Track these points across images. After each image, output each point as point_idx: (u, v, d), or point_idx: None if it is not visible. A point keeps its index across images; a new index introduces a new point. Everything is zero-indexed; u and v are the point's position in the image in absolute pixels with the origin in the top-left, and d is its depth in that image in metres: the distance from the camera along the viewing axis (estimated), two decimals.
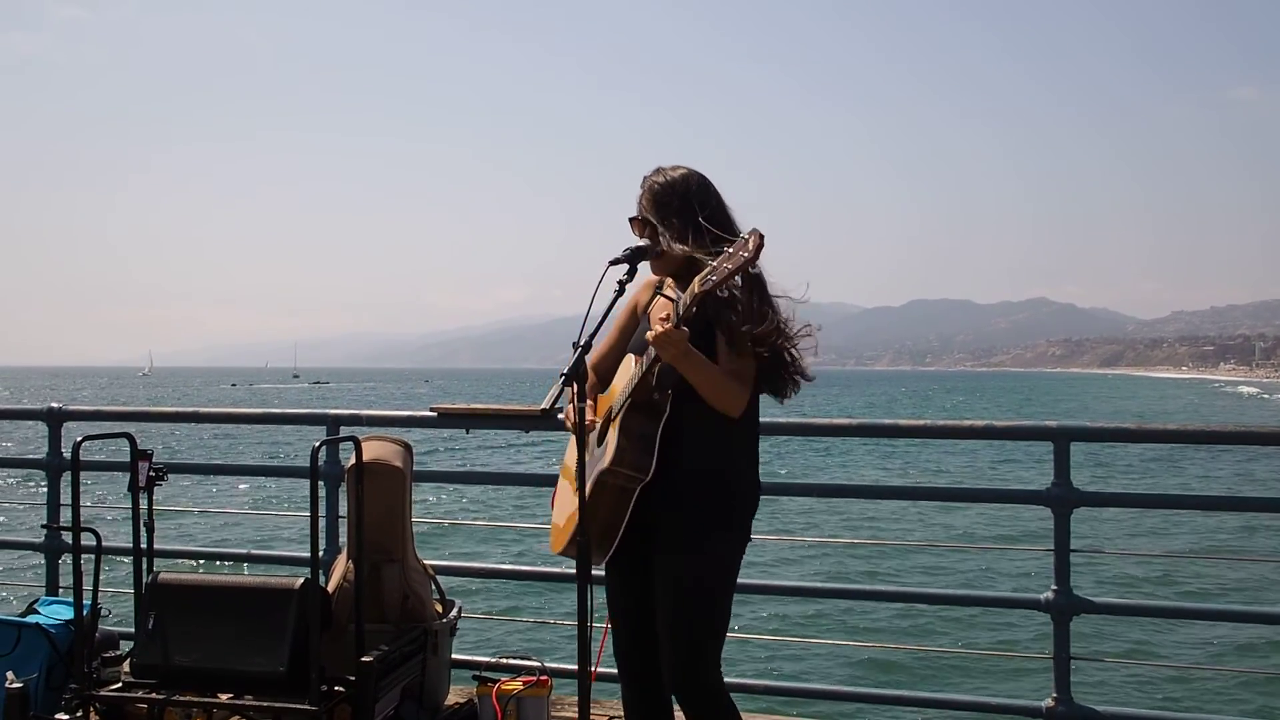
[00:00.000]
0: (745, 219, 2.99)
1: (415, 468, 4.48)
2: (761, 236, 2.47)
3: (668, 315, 2.66)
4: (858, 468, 35.51)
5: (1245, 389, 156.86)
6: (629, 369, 2.87)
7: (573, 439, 3.19)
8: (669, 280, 3.04)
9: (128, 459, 4.30)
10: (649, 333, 2.67)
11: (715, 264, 2.52)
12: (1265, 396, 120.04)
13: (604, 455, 2.82)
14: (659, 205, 2.93)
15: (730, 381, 2.78)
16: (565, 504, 3.09)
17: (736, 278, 2.55)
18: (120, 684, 3.95)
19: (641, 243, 2.93)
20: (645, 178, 3.02)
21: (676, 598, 2.87)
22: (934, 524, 20.99)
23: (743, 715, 4.56)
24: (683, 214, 2.89)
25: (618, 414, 2.83)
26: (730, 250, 2.51)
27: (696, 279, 2.56)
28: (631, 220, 3.00)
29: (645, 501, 2.83)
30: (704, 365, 2.73)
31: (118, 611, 5.70)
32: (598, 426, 2.98)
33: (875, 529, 20.76)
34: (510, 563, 6.28)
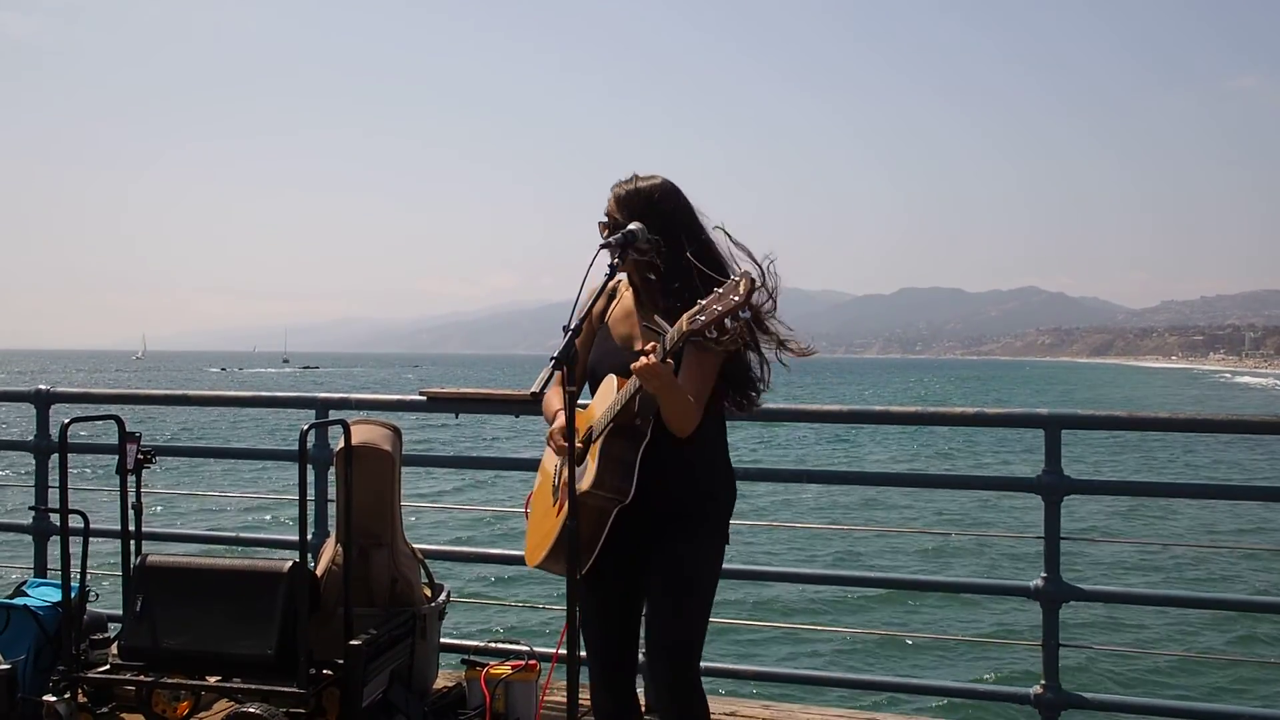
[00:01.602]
0: (736, 207, 3.00)
1: (404, 451, 4.47)
2: (753, 281, 2.48)
3: (653, 347, 2.65)
4: (850, 454, 35.63)
5: (1245, 379, 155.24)
6: (611, 389, 2.86)
7: (545, 457, 3.19)
8: (624, 290, 3.06)
9: (116, 441, 4.28)
10: (634, 364, 2.66)
11: (705, 303, 2.52)
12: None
13: (584, 477, 2.82)
14: (628, 211, 2.95)
15: (695, 406, 2.79)
16: (540, 519, 3.10)
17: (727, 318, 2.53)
18: (108, 666, 3.94)
19: (633, 226, 2.92)
20: (616, 184, 3.04)
21: (665, 593, 2.89)
22: (925, 511, 21.05)
23: (733, 700, 4.58)
24: (648, 223, 2.90)
25: (598, 437, 2.83)
26: (720, 291, 2.51)
27: (685, 316, 2.55)
28: (601, 225, 3.02)
29: (629, 508, 2.83)
30: (681, 395, 2.74)
31: (106, 594, 5.69)
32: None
33: (866, 515, 20.82)
34: (499, 547, 6.27)
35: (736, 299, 2.46)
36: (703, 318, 2.50)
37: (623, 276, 3.05)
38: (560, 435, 2.87)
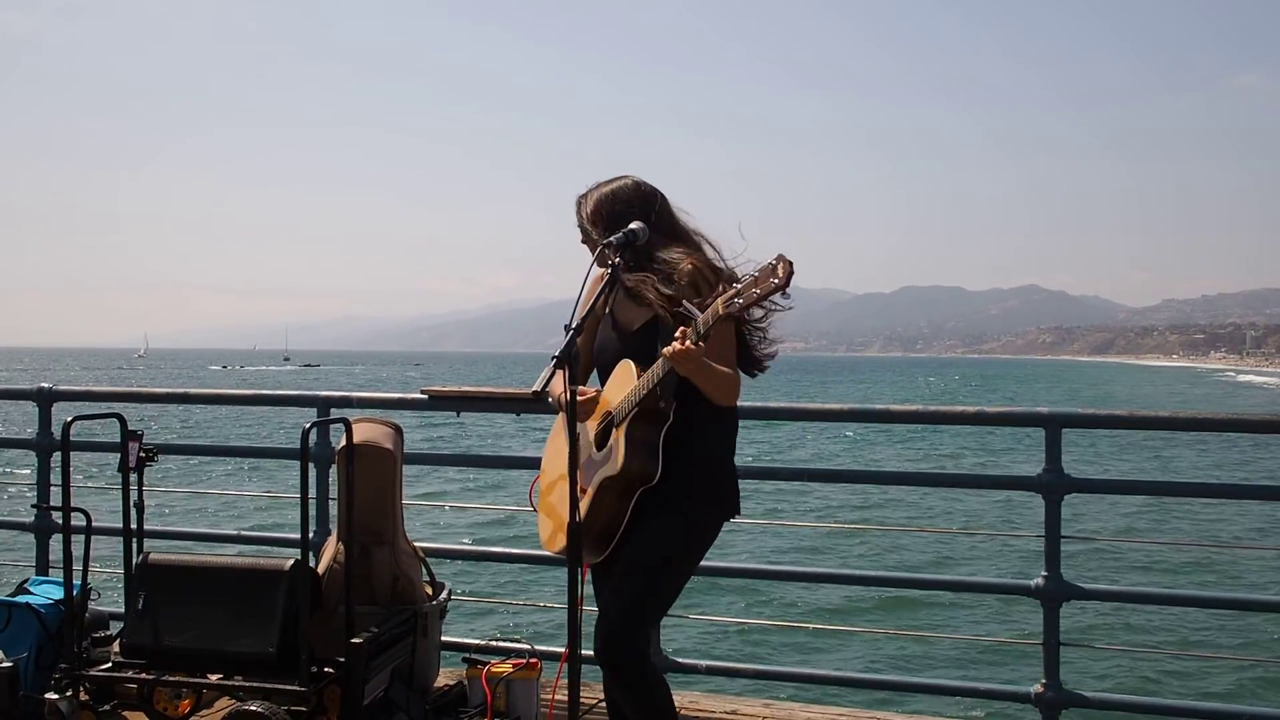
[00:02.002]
0: (738, 205, 3.02)
1: (406, 450, 4.47)
2: (791, 265, 2.46)
3: (684, 332, 2.67)
4: (850, 452, 35.59)
5: (1249, 378, 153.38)
6: (629, 374, 2.88)
7: (553, 437, 3.21)
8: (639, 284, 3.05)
9: (118, 439, 4.29)
10: (666, 349, 2.68)
11: (741, 287, 2.53)
12: None
13: (611, 461, 2.85)
14: (602, 219, 3.04)
15: (734, 378, 2.86)
16: (557, 503, 3.10)
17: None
18: (110, 664, 3.95)
19: (634, 225, 2.93)
20: (586, 192, 3.11)
21: (631, 557, 2.90)
22: (926, 509, 21.06)
23: (733, 698, 4.58)
24: (615, 224, 2.99)
25: (623, 421, 2.84)
26: (757, 275, 2.51)
27: (720, 300, 2.57)
28: (581, 233, 3.11)
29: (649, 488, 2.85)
30: (715, 372, 2.77)
31: (107, 592, 5.69)
32: (593, 429, 2.99)
33: (866, 514, 20.83)
34: (500, 545, 6.28)
35: (776, 281, 2.47)
36: (740, 300, 2.52)
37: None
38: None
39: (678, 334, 2.68)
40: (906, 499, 21.95)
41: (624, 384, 2.89)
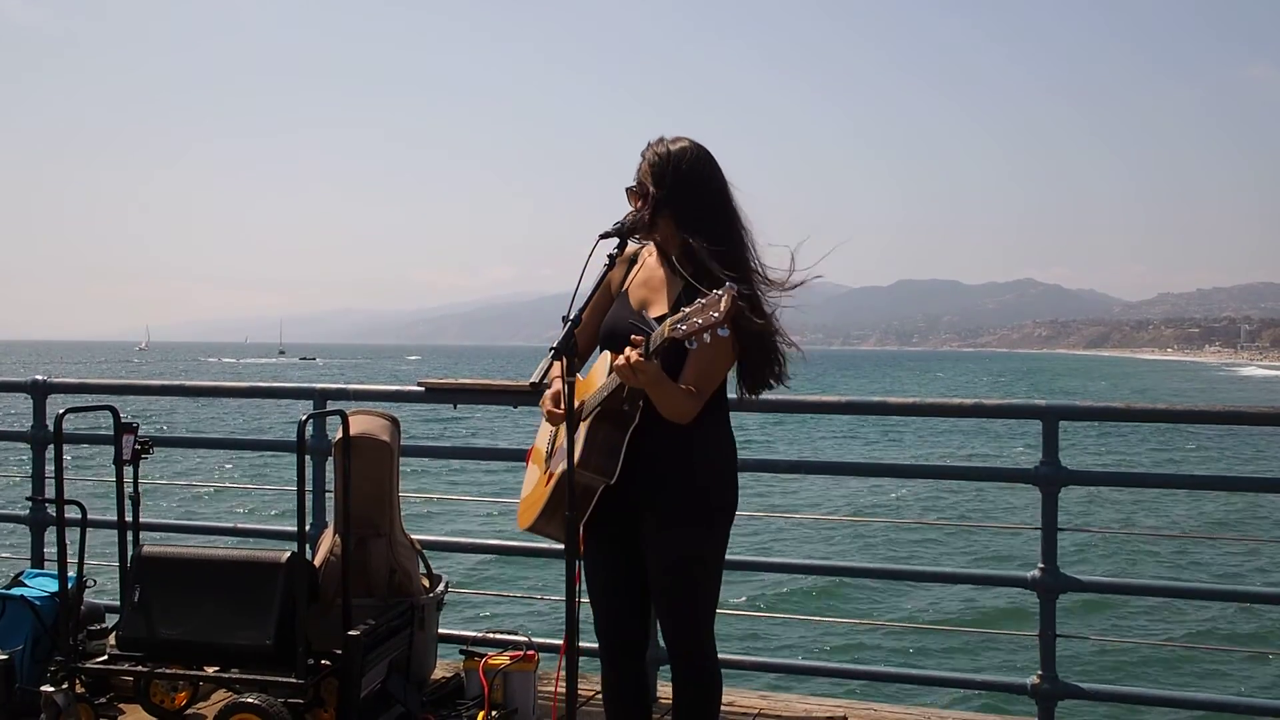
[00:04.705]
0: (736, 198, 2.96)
1: (403, 442, 4.47)
2: (734, 299, 2.43)
3: (635, 343, 2.63)
4: (846, 445, 35.59)
5: (1252, 371, 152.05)
6: (605, 367, 2.85)
7: (543, 421, 3.20)
8: (646, 256, 3.02)
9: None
10: (615, 362, 2.66)
11: (688, 311, 2.49)
12: None
13: (572, 453, 2.81)
14: (656, 177, 2.89)
15: (688, 399, 2.77)
16: (533, 484, 3.13)
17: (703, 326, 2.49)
18: (106, 657, 3.95)
19: (632, 217, 2.90)
20: (646, 148, 2.96)
21: (671, 571, 2.89)
22: (922, 502, 21.09)
23: (730, 689, 4.58)
24: (679, 189, 2.87)
25: (587, 417, 2.82)
26: (703, 303, 2.47)
27: (668, 322, 2.53)
28: (628, 190, 2.95)
29: (627, 484, 2.83)
30: (668, 387, 2.72)
31: (103, 585, 5.68)
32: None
33: (863, 506, 20.85)
34: (497, 538, 6.28)
35: (716, 315, 2.42)
36: (683, 327, 2.48)
37: (648, 244, 3.01)
38: (551, 401, 2.91)
39: (631, 341, 2.64)
40: (877, 491, 21.94)
41: (600, 376, 2.87)
